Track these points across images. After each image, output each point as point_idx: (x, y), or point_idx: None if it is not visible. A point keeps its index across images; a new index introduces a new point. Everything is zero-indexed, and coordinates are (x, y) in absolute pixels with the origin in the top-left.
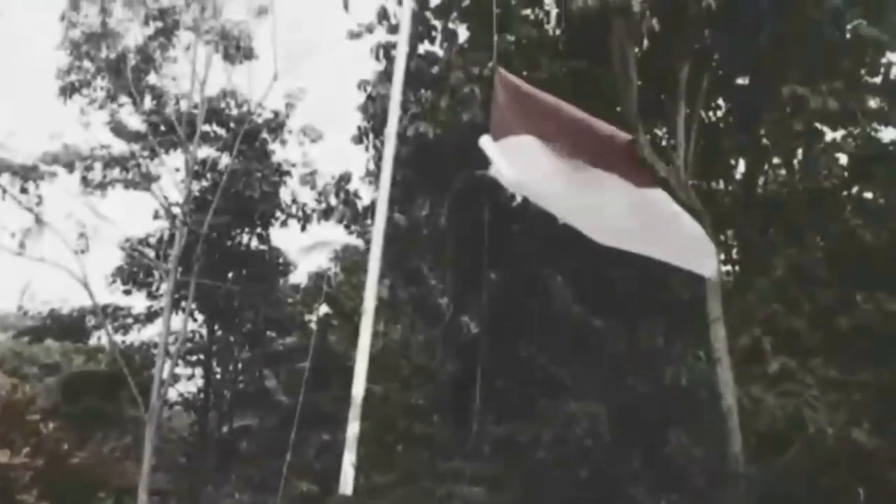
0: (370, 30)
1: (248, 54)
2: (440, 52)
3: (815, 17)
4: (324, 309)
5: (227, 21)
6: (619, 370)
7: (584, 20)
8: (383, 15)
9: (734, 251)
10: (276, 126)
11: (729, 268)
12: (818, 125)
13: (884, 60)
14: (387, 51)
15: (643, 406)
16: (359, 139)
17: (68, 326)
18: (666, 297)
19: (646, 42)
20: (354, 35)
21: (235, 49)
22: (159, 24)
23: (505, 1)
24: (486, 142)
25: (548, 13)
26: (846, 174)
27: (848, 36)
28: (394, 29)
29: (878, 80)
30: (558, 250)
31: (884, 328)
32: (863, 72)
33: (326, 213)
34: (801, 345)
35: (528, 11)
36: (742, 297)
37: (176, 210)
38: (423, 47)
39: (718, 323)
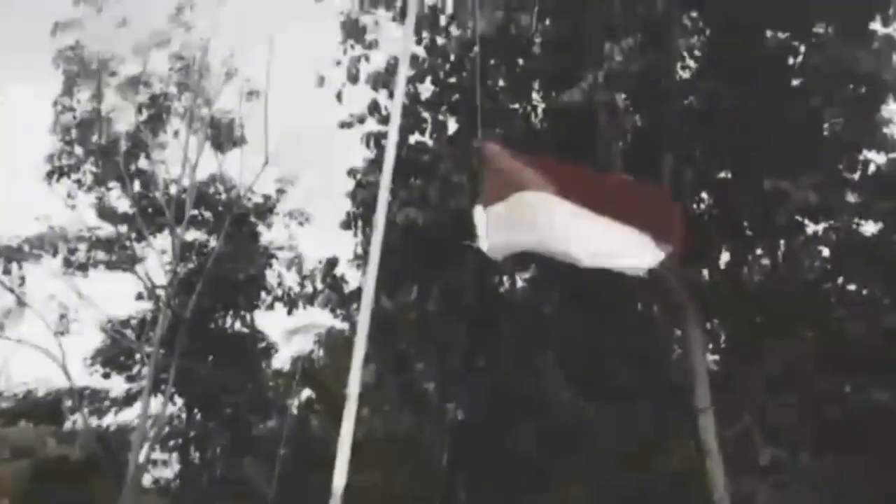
0: (361, 120)
1: (238, 142)
2: (430, 142)
3: (793, 116)
4: (306, 393)
5: (217, 110)
6: (609, 459)
7: (569, 114)
8: (374, 107)
9: (721, 341)
10: (266, 210)
11: (717, 357)
12: (799, 218)
13: (861, 157)
14: (377, 140)
15: (633, 497)
16: (347, 225)
17: (44, 408)
18: (655, 386)
19: (630, 136)
20: (346, 124)
21: (226, 138)
22: (151, 111)
23: (493, 95)
24: (477, 212)
25: (535, 107)
26: (829, 266)
27: (826, 133)
28: (384, 120)
29: (856, 175)
30: (546, 336)
31: (873, 419)
32: (841, 167)
33: (311, 298)
34: (792, 436)
35: (515, 105)
36: (731, 388)
37: (160, 292)
38: (414, 137)
39: (708, 413)
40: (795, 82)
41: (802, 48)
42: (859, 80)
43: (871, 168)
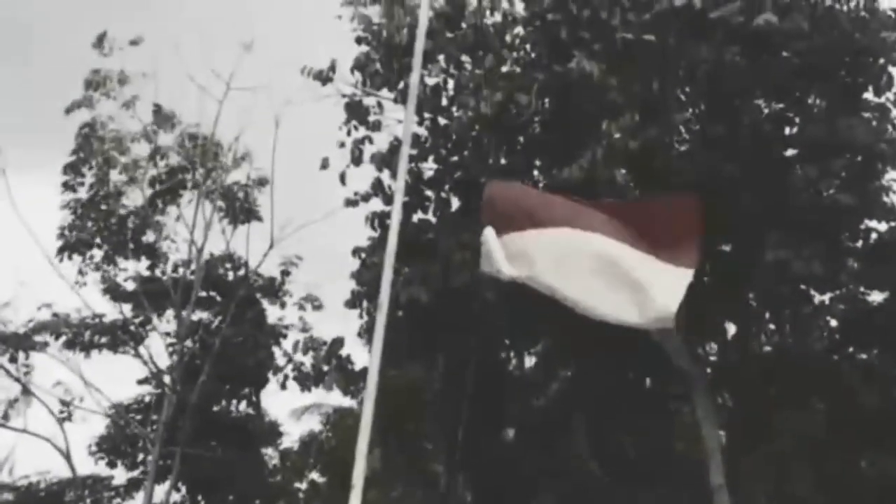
0: (366, 199)
1: (251, 216)
2: (433, 220)
3: (791, 187)
4: (314, 475)
5: (232, 182)
6: None
7: (570, 191)
8: (378, 186)
9: (732, 414)
10: (272, 292)
11: (729, 431)
12: (804, 287)
13: (862, 226)
14: (381, 220)
15: None
16: (352, 304)
17: (46, 501)
18: (668, 463)
19: None
20: (350, 203)
21: (240, 210)
22: (161, 186)
23: (494, 173)
24: (489, 237)
25: (536, 183)
26: (838, 337)
27: (825, 203)
28: (388, 199)
29: (858, 244)
30: (557, 414)
31: (889, 493)
32: (843, 237)
33: (316, 380)
34: None
35: (519, 181)
36: (744, 463)
37: (165, 377)
38: (417, 216)
39: (721, 490)
40: (791, 152)
41: (797, 119)
42: (855, 150)
43: (874, 236)
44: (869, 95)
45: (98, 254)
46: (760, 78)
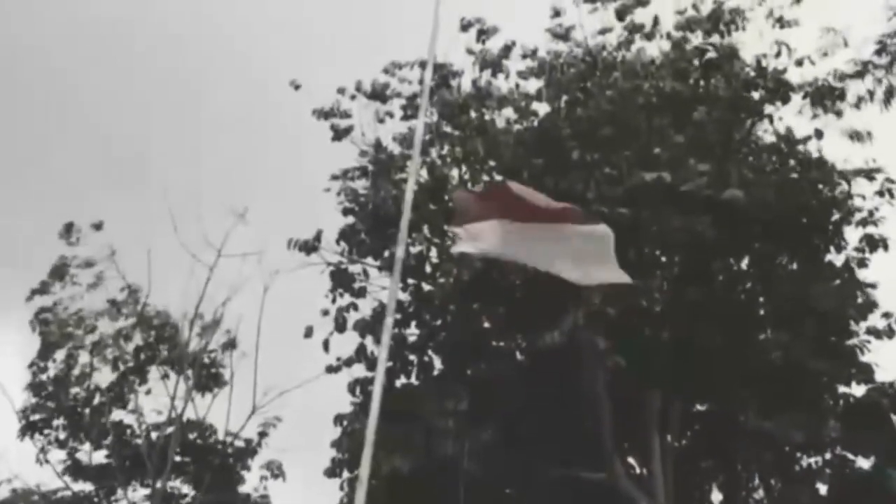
0: (349, 364)
1: (217, 382)
2: (416, 383)
3: (766, 351)
4: None
5: (197, 350)
6: None
7: (553, 353)
8: (362, 352)
9: None
10: (248, 454)
11: None
12: (788, 449)
13: (840, 391)
14: (363, 386)
15: None
16: (332, 472)
17: None
18: None
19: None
20: (333, 369)
21: (206, 377)
22: (129, 364)
23: (479, 332)
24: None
25: (520, 345)
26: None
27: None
28: (371, 364)
29: (838, 409)
30: None
31: None
32: (822, 402)
33: None
34: None
35: (501, 343)
36: None
37: None
38: (399, 381)
39: None
40: (764, 312)
41: (768, 281)
42: (825, 315)
43: (852, 400)
44: (832, 257)
45: (61, 434)
46: (730, 244)
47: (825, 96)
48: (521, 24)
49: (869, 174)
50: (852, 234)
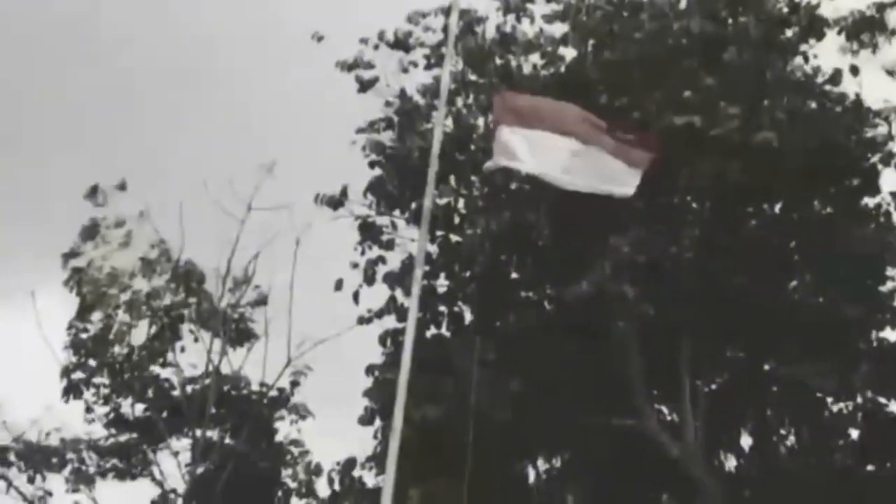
0: (379, 315)
1: (248, 336)
2: (447, 334)
3: (798, 297)
4: None
5: (227, 308)
6: None
7: (581, 304)
8: (392, 303)
9: None
10: (281, 404)
11: None
12: (820, 395)
13: (873, 336)
14: (394, 337)
15: None
16: (366, 420)
17: None
18: None
19: (644, 322)
20: (364, 320)
21: (235, 333)
22: (165, 321)
23: (508, 284)
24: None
25: (549, 295)
26: (859, 451)
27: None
28: (402, 316)
29: (872, 353)
30: None
31: None
32: (855, 345)
33: (332, 501)
34: None
35: (529, 293)
36: None
37: (178, 500)
38: (430, 332)
39: None
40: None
41: (800, 226)
42: (859, 258)
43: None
44: (868, 199)
45: (103, 391)
46: (762, 189)
47: (862, 29)
48: None
49: None
50: (890, 177)
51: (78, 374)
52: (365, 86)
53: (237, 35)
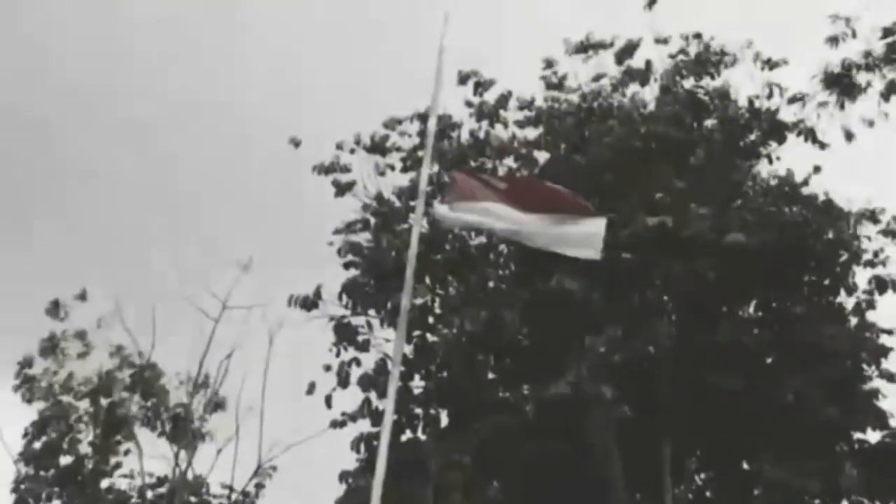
0: (353, 419)
1: (197, 438)
2: (422, 437)
3: (778, 398)
4: None
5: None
6: None
7: (559, 405)
8: (366, 405)
9: None
10: None
11: None
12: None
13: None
14: (368, 441)
15: None
16: None
17: None
18: None
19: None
20: (338, 424)
21: (183, 433)
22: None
23: (486, 385)
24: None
25: (526, 396)
26: None
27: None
28: (376, 419)
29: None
30: None
31: None
32: (837, 449)
33: None
34: None
35: (507, 394)
36: None
37: None
38: (405, 436)
39: None
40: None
41: (775, 326)
42: (838, 359)
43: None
44: (842, 298)
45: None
46: (735, 289)
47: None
48: (517, 73)
49: (873, 216)
50: (861, 276)
51: (29, 485)
52: (343, 189)
53: (215, 137)
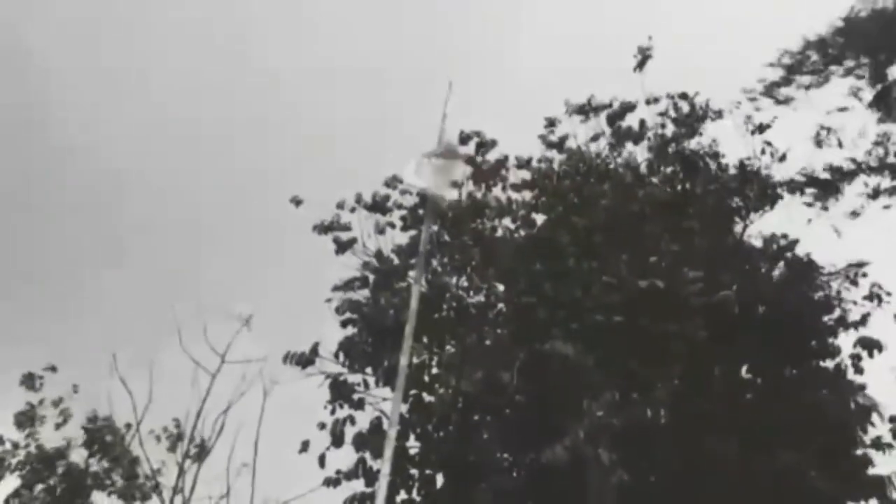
0: (348, 478)
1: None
2: (417, 499)
3: (773, 468)
4: None
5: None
6: None
7: (557, 468)
8: (361, 465)
9: None
10: None
11: None
12: None
13: None
14: (361, 502)
15: None
16: None
17: None
18: None
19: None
20: (332, 482)
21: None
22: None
23: (482, 446)
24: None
25: (523, 459)
26: None
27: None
28: (371, 479)
29: None
30: None
31: None
32: None
33: None
34: None
35: (504, 455)
36: None
37: None
38: (400, 497)
39: None
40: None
41: (768, 386)
42: (829, 428)
43: None
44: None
45: None
46: (727, 352)
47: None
48: (514, 132)
49: (854, 279)
50: (847, 339)
51: None
52: (343, 247)
53: (217, 194)
